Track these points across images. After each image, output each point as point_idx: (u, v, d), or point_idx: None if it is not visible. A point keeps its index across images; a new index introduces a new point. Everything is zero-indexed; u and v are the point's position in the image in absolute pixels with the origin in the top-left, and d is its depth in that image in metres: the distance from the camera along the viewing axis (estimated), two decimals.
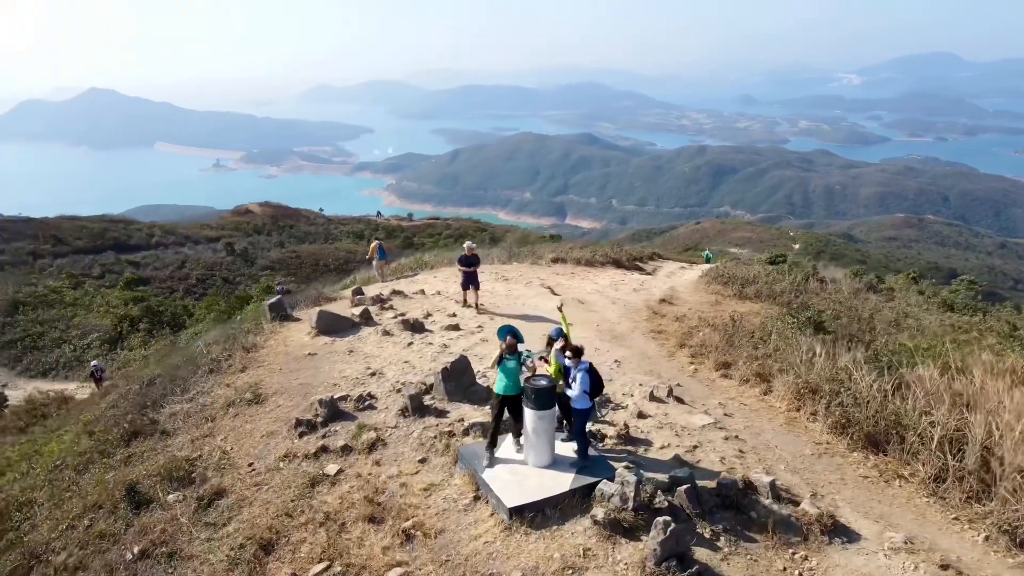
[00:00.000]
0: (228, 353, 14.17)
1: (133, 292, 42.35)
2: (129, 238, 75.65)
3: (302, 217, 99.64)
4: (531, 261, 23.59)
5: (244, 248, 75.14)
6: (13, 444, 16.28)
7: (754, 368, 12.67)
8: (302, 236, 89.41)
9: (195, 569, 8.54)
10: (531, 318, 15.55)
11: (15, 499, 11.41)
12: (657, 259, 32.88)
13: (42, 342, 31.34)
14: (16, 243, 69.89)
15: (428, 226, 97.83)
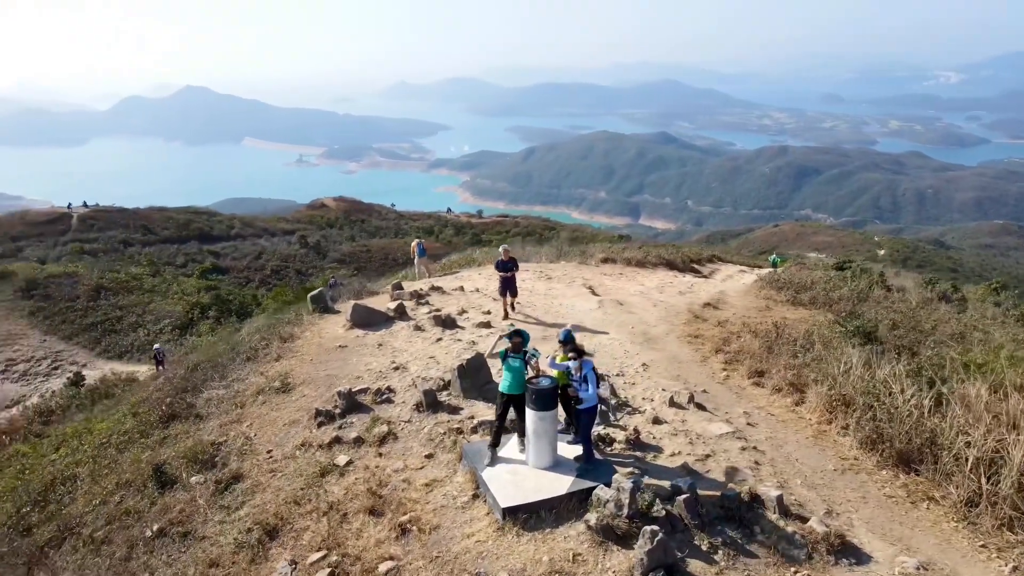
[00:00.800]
0: (266, 342, 14.65)
1: (206, 281, 44.27)
2: (211, 229, 79.02)
3: (374, 212, 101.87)
4: (579, 260, 23.40)
5: (317, 241, 77.25)
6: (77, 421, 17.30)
7: (788, 377, 12.19)
8: (373, 231, 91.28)
9: (205, 550, 8.86)
10: (559, 324, 15.33)
11: (60, 473, 12.12)
12: (716, 262, 32.04)
13: (120, 326, 33.16)
14: (110, 232, 74.17)
15: (497, 223, 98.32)
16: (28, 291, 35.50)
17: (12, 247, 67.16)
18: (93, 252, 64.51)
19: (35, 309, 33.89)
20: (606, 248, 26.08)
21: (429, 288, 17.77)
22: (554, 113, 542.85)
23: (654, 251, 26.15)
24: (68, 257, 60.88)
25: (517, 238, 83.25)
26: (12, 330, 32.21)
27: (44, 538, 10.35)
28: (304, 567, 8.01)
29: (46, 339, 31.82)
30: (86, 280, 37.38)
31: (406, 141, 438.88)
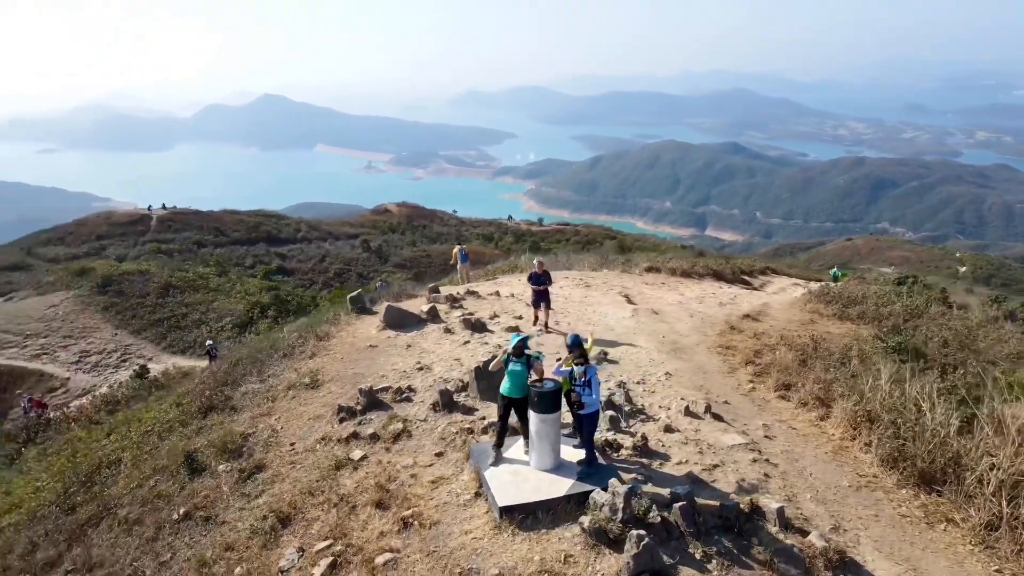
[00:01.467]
0: (303, 340, 15.21)
1: (269, 281, 45.89)
2: (279, 232, 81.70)
3: (436, 218, 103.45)
4: (622, 269, 23.33)
5: (379, 245, 78.98)
6: (132, 410, 18.28)
7: (814, 391, 11.95)
8: (434, 236, 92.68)
9: (223, 534, 9.33)
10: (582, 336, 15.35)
11: (107, 457, 12.89)
12: (769, 274, 31.40)
13: (184, 322, 34.77)
14: (185, 233, 77.67)
15: (557, 231, 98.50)
16: (104, 287, 37.60)
17: (97, 245, 71.16)
18: (169, 252, 67.75)
19: (109, 304, 35.87)
20: (651, 257, 25.90)
21: (465, 292, 18.09)
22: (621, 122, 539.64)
23: (701, 262, 25.83)
24: (146, 256, 64.14)
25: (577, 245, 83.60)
26: (87, 323, 34.17)
27: (84, 517, 11.04)
28: (310, 555, 8.36)
29: (117, 333, 33.63)
30: (156, 278, 39.34)
31: (473, 149, 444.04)
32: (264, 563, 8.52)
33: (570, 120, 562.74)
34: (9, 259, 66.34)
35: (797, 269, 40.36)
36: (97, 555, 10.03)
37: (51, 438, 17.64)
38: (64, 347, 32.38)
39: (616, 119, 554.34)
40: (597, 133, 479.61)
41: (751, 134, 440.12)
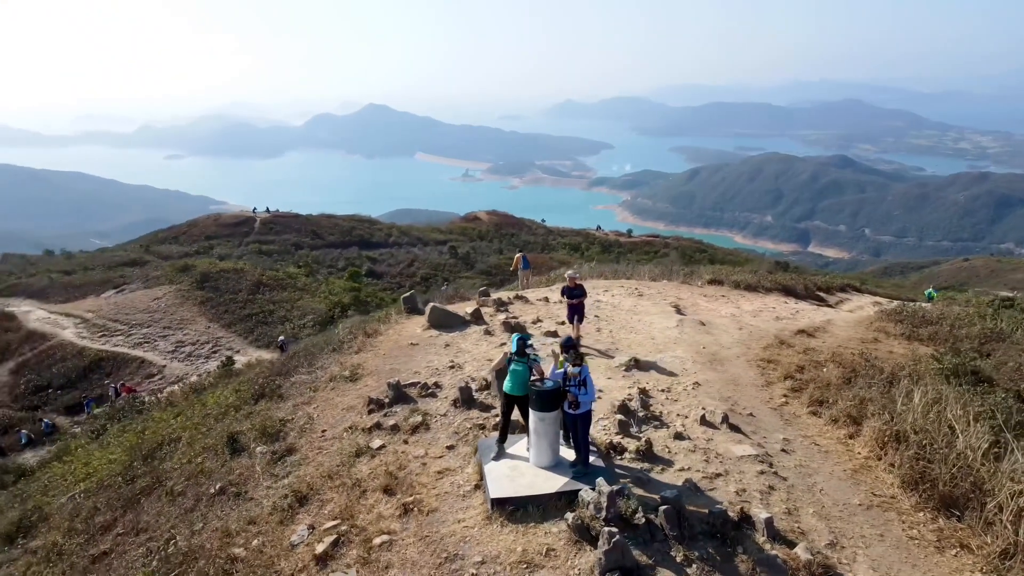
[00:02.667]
0: (352, 337, 16.02)
1: (353, 283, 47.85)
2: (371, 236, 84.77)
3: (524, 226, 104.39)
4: (682, 280, 23.08)
5: (466, 252, 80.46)
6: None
7: (847, 408, 11.60)
8: (521, 244, 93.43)
9: (248, 509, 10.10)
10: (624, 349, 15.32)
11: (169, 435, 14.06)
12: (850, 291, 30.17)
13: (271, 319, 36.83)
14: (285, 235, 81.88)
15: (646, 243, 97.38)
16: (202, 283, 40.38)
17: (206, 245, 76.18)
18: (269, 252, 71.65)
19: (205, 299, 38.49)
20: (715, 269, 25.46)
21: (514, 296, 18.49)
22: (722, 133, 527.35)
23: (770, 276, 25.17)
24: (248, 256, 68.12)
25: (664, 258, 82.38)
26: (185, 316, 36.79)
27: (140, 487, 12.14)
28: (318, 532, 8.96)
29: (210, 326, 36.03)
30: (249, 276, 41.87)
31: (568, 159, 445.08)
32: (278, 537, 9.19)
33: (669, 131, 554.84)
34: (130, 255, 72.11)
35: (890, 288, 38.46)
36: (144, 521, 11.04)
37: (133, 418, 19.27)
38: (163, 337, 35.00)
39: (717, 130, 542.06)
40: (696, 145, 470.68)
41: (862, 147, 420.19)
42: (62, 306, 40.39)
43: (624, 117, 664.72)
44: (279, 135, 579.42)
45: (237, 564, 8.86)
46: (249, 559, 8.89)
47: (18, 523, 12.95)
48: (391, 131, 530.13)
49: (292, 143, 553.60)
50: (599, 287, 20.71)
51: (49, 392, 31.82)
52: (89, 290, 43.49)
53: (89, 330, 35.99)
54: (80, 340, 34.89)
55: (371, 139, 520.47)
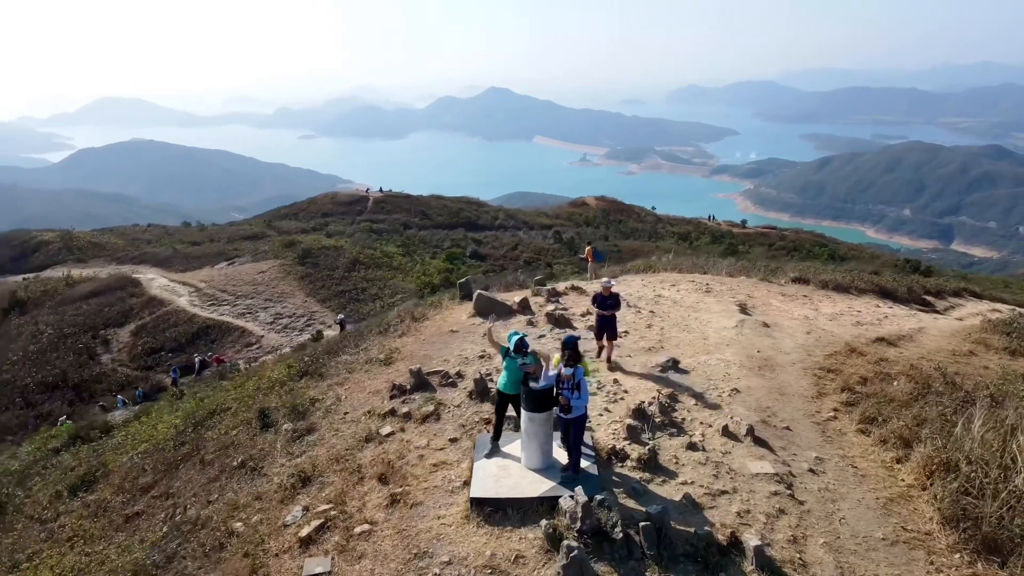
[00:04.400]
0: (400, 320, 16.16)
1: (448, 264, 48.62)
2: (478, 219, 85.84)
3: (633, 213, 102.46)
4: (761, 276, 21.72)
5: (571, 237, 79.85)
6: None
7: (899, 428, 10.48)
8: (628, 232, 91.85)
9: (259, 485, 10.39)
10: (670, 357, 14.50)
11: (221, 405, 14.75)
12: (967, 296, 27.47)
13: (363, 296, 38.04)
14: (395, 214, 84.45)
15: (761, 234, 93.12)
16: (303, 259, 42.31)
17: (322, 221, 79.85)
18: (379, 231, 74.14)
19: (305, 274, 40.31)
20: (802, 267, 23.82)
21: (569, 287, 18.03)
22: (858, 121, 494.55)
23: (866, 276, 23.26)
24: (359, 233, 70.76)
25: (780, 251, 78.57)
26: (285, 290, 38.69)
27: (182, 453, 12.81)
28: (310, 515, 9.07)
29: (307, 300, 37.70)
30: (347, 254, 43.44)
31: (689, 145, 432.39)
32: (276, 515, 9.39)
33: (799, 117, 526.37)
34: (253, 229, 76.76)
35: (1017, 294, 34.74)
36: (176, 487, 11.64)
37: (212, 386, 20.42)
38: (264, 308, 36.98)
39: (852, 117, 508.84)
40: (829, 132, 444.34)
41: (1021, 136, 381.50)
42: (181, 275, 43.55)
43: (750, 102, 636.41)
44: (404, 117, 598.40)
45: (232, 538, 9.13)
46: (244, 534, 9.14)
47: (83, 477, 14.02)
48: (512, 114, 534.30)
49: (416, 125, 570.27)
50: (667, 281, 19.86)
51: (161, 354, 34.41)
52: (205, 261, 46.63)
53: (200, 299, 38.60)
54: (192, 308, 37.48)
55: (491, 122, 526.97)
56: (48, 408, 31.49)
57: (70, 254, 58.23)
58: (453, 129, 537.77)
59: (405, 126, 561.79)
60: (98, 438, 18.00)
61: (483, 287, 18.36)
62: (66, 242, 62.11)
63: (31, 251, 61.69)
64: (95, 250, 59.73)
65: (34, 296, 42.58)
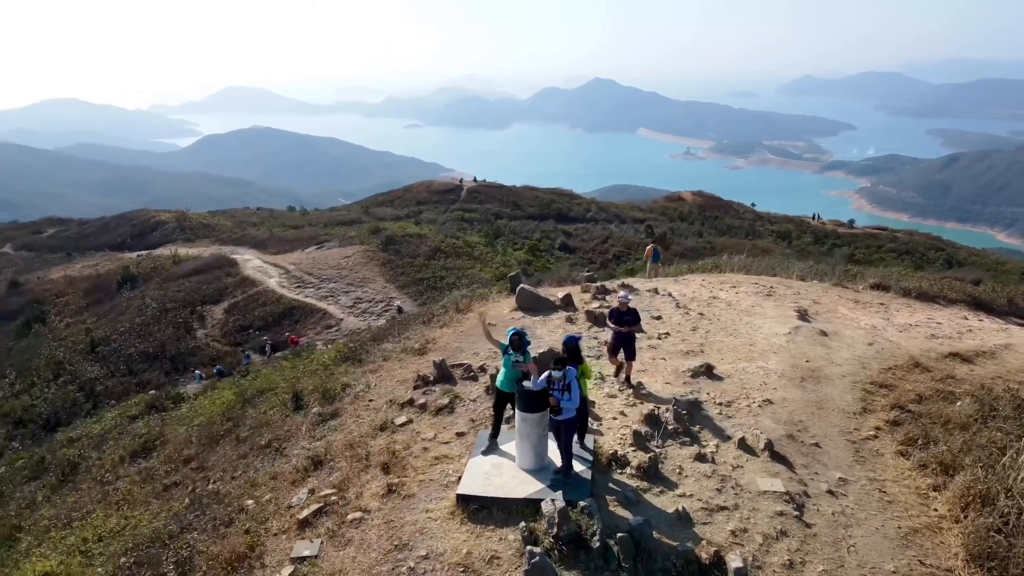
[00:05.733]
0: (444, 311, 16.30)
1: (530, 256, 48.66)
2: (569, 211, 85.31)
3: (731, 210, 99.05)
4: (835, 281, 20.45)
5: (663, 233, 78.06)
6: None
7: (941, 453, 9.66)
8: (724, 228, 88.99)
9: (278, 465, 10.77)
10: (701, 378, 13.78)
11: (270, 385, 15.38)
12: None
13: (440, 284, 38.60)
14: (487, 204, 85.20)
15: (869, 236, 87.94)
16: (387, 245, 43.43)
17: (416, 209, 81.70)
18: (470, 220, 75.13)
19: (387, 260, 41.36)
20: (883, 272, 22.27)
21: (618, 285, 17.62)
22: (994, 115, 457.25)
23: (959, 286, 21.50)
24: (451, 222, 71.95)
25: (891, 254, 74.21)
26: (367, 275, 39.86)
27: (225, 429, 13.46)
28: (313, 498, 9.32)
29: (387, 286, 38.67)
30: (429, 242, 44.25)
31: (801, 139, 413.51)
32: (285, 496, 9.71)
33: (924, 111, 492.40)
34: (351, 215, 79.51)
35: None
36: (211, 461, 12.25)
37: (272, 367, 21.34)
38: (345, 292, 38.24)
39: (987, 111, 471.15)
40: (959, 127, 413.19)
41: None
42: (273, 257, 45.68)
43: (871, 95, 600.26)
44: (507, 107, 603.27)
45: (241, 515, 9.52)
46: (253, 512, 9.51)
47: (143, 444, 14.99)
48: (615, 106, 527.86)
49: (518, 115, 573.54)
50: (728, 283, 19.07)
51: (249, 331, 36.25)
52: (297, 244, 48.67)
53: (288, 280, 40.36)
54: (280, 289, 39.26)
55: (594, 113, 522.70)
56: (147, 377, 33.85)
57: (182, 233, 62.28)
58: (555, 120, 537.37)
59: (508, 116, 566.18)
60: (169, 409, 19.17)
61: (535, 282, 18.24)
62: (180, 222, 66.46)
63: (149, 230, 66.48)
64: (205, 230, 63.55)
65: (144, 272, 45.81)
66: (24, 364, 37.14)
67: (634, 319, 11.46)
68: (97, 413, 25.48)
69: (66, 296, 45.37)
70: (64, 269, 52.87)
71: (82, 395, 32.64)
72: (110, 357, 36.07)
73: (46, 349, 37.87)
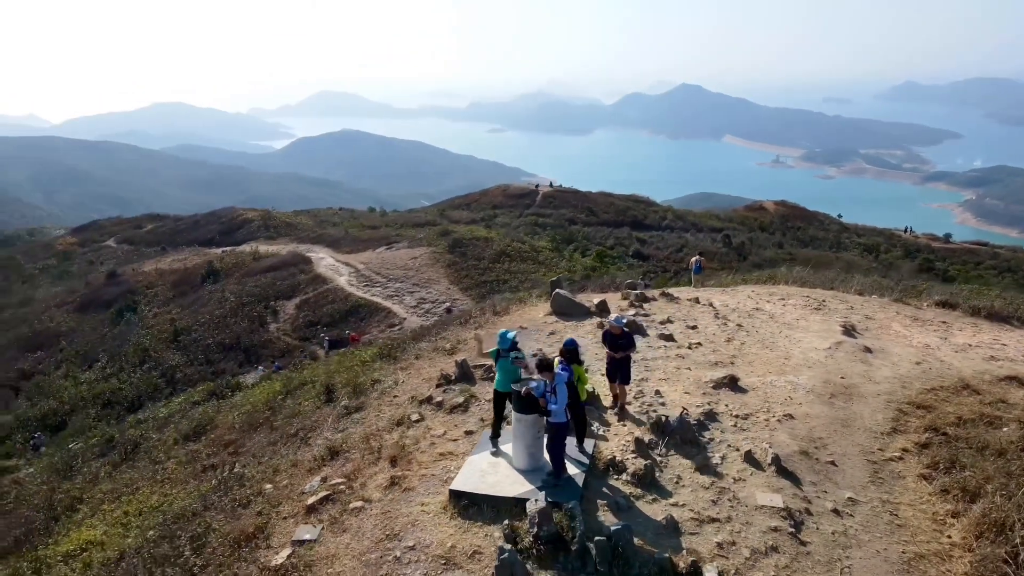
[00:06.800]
0: (482, 312, 16.58)
1: (596, 262, 48.49)
2: (645, 218, 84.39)
3: (815, 221, 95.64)
4: (896, 297, 19.52)
5: (742, 242, 76.28)
6: None
7: (964, 478, 9.21)
8: (807, 240, 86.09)
9: (301, 453, 11.30)
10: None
11: (313, 379, 16.05)
12: None
13: (503, 288, 38.99)
14: (561, 209, 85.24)
15: (967, 251, 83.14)
16: (453, 247, 44.22)
17: (491, 213, 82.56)
18: (544, 225, 75.39)
19: (452, 263, 42.12)
20: (953, 290, 21.11)
21: (660, 294, 17.43)
22: None
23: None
24: (524, 226, 72.47)
25: (991, 271, 70.18)
26: (432, 276, 40.72)
27: (262, 417, 14.16)
28: (324, 486, 9.75)
29: (450, 287, 39.39)
30: (495, 245, 44.76)
31: (900, 148, 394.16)
32: (300, 483, 10.20)
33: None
34: (427, 217, 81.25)
35: None
36: (247, 446, 12.93)
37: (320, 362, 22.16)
38: (410, 292, 39.18)
39: None
40: None
41: None
42: (346, 256, 47.27)
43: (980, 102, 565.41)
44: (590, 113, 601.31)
45: (259, 498, 10.05)
46: (269, 496, 10.03)
47: (195, 428, 15.93)
48: (701, 112, 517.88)
49: (601, 121, 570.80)
50: (777, 294, 18.56)
51: (317, 327, 37.66)
52: (369, 244, 50.15)
53: (357, 279, 41.69)
54: (348, 287, 40.60)
55: (679, 120, 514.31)
56: (222, 366, 35.69)
57: (266, 231, 65.19)
58: (638, 126, 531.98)
59: (591, 122, 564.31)
60: (227, 397, 20.24)
61: (580, 287, 18.29)
62: (264, 221, 69.58)
63: (236, 227, 69.88)
64: (287, 229, 66.30)
65: (226, 267, 48.28)
66: (115, 350, 39.83)
67: (628, 343, 10.77)
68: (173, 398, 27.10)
69: (155, 288, 48.35)
70: (156, 262, 56.30)
71: (163, 381, 34.78)
72: (190, 346, 38.20)
73: (135, 336, 40.46)
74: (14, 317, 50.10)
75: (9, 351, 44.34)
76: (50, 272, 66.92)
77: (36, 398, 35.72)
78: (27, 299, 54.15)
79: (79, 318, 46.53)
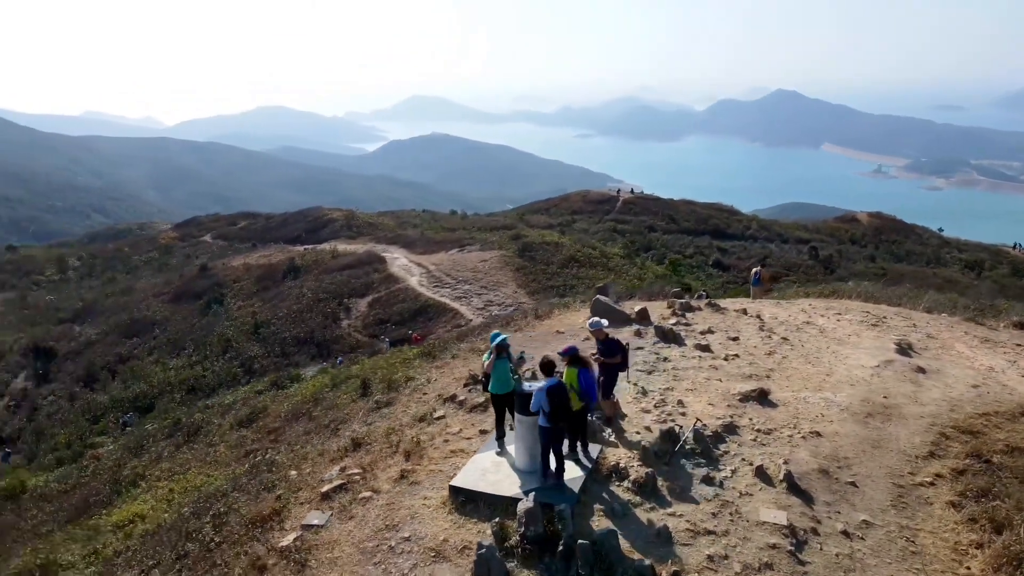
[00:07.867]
0: (524, 316, 16.71)
1: (670, 271, 47.73)
2: (727, 227, 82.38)
3: (913, 234, 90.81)
4: (968, 316, 18.37)
5: (829, 255, 73.41)
6: None
7: (994, 508, 8.69)
8: (902, 255, 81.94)
9: (329, 444, 11.78)
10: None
11: (352, 375, 16.62)
12: None
13: (568, 293, 38.89)
14: (641, 216, 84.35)
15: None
16: (523, 251, 44.54)
17: (570, 218, 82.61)
18: (623, 231, 74.85)
19: (521, 266, 42.42)
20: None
21: (706, 304, 17.07)
22: None
23: None
24: (602, 232, 72.19)
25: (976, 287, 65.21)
26: (500, 279, 41.15)
27: (305, 408, 14.80)
28: (341, 475, 10.15)
29: (517, 291, 39.69)
30: (565, 250, 44.77)
31: (1017, 159, 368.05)
32: (322, 471, 10.64)
33: None
34: (506, 221, 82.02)
35: None
36: (286, 435, 13.56)
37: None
38: (478, 295, 39.72)
39: None
40: None
41: None
42: (419, 257, 48.38)
43: None
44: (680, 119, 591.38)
45: (283, 483, 10.56)
46: (293, 481, 10.53)
47: (249, 415, 16.80)
48: (798, 119, 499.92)
49: (692, 127, 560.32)
50: (834, 309, 17.84)
51: (387, 325, 38.76)
52: (443, 246, 51.13)
53: (428, 280, 42.62)
54: (419, 287, 41.56)
55: (775, 127, 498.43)
56: (296, 359, 37.26)
57: (348, 231, 67.48)
58: (731, 133, 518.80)
59: (681, 128, 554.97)
60: (287, 387, 21.19)
61: (628, 295, 18.19)
62: (348, 220, 72.03)
63: (321, 226, 72.61)
64: (368, 228, 68.43)
65: (306, 264, 50.34)
66: (201, 339, 42.22)
67: (616, 349, 10.28)
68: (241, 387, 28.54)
69: (241, 282, 50.92)
70: (245, 257, 59.26)
71: (241, 370, 36.61)
72: (269, 339, 40.04)
73: (220, 327, 42.77)
74: (116, 305, 53.86)
75: (110, 336, 47.70)
76: (152, 264, 71.63)
77: (129, 381, 38.28)
78: (128, 289, 58.06)
79: (172, 308, 49.53)
